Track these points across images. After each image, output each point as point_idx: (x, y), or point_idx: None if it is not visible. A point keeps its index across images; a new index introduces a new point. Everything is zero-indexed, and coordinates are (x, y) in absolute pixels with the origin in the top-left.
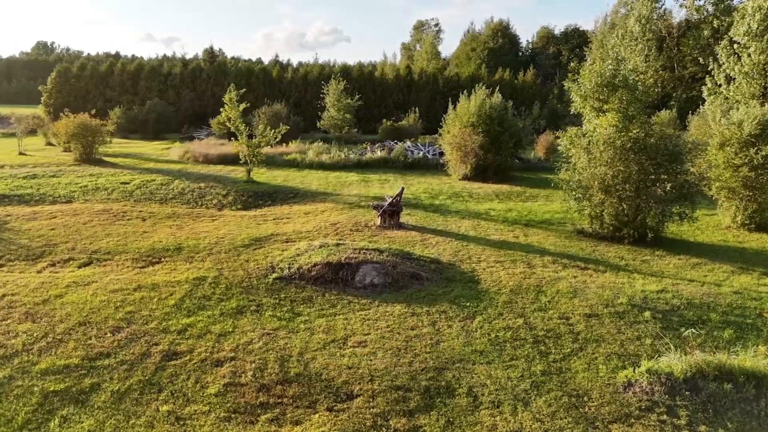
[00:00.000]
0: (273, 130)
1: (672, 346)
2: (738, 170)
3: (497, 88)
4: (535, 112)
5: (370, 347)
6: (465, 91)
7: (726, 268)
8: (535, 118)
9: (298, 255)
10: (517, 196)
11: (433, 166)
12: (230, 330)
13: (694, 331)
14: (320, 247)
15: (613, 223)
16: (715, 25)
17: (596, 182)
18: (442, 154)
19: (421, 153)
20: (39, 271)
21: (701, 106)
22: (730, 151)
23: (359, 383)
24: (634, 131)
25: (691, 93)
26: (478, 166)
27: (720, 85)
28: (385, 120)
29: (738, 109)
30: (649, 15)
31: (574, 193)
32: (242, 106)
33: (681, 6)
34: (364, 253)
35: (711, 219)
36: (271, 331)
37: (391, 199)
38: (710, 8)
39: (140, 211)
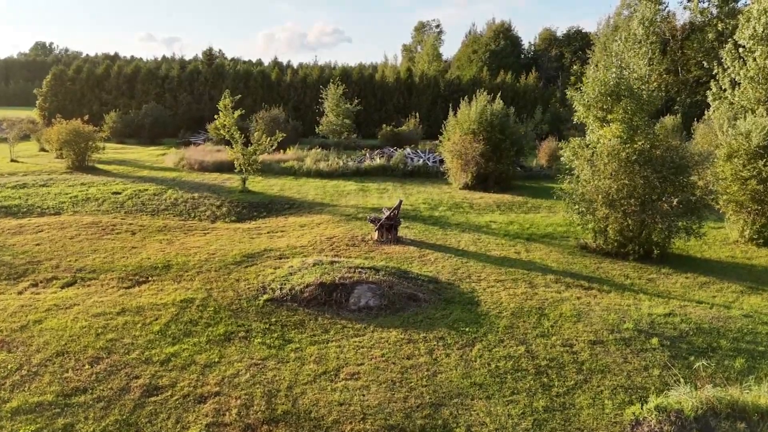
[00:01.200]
0: (269, 138)
1: (681, 379)
2: (746, 183)
3: (499, 91)
4: (537, 117)
5: (364, 380)
6: (466, 97)
7: (735, 288)
8: (537, 123)
9: (291, 274)
10: (519, 207)
11: (434, 174)
12: (216, 360)
13: (705, 363)
14: (314, 265)
15: (618, 238)
16: (719, 28)
17: (600, 196)
18: (442, 161)
19: (421, 160)
20: (20, 292)
21: (706, 112)
22: (738, 163)
23: (350, 422)
24: (639, 143)
25: (695, 97)
26: (479, 175)
27: (725, 90)
28: (384, 125)
29: (744, 116)
30: (653, 17)
31: (577, 206)
32: (237, 113)
33: (685, 8)
34: (360, 272)
35: (718, 233)
36: (259, 362)
37: (388, 212)
38: (714, 11)
39: (130, 224)
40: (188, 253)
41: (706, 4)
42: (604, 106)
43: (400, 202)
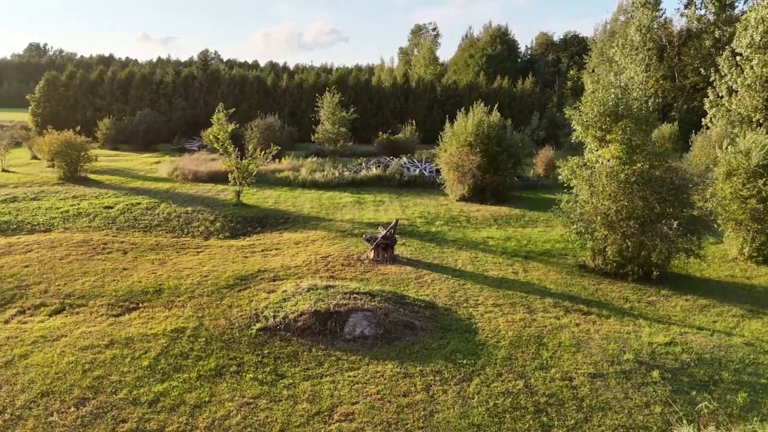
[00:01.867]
0: (263, 152)
1: (683, 419)
2: (746, 202)
3: (495, 97)
4: (534, 123)
5: (358, 421)
6: (463, 108)
7: (735, 312)
8: (534, 128)
9: (285, 300)
10: (516, 220)
11: (430, 185)
12: (206, 400)
13: (707, 403)
14: (308, 290)
15: (617, 259)
16: (716, 35)
17: (599, 217)
18: (438, 171)
19: (418, 170)
20: (6, 321)
21: (703, 119)
22: (737, 181)
23: None
24: (638, 164)
25: (692, 104)
26: (476, 187)
27: (722, 97)
28: (381, 133)
29: (744, 133)
30: (650, 24)
31: (575, 225)
32: (231, 126)
33: (682, 15)
34: (355, 298)
35: (717, 249)
36: (251, 400)
37: (384, 231)
38: (711, 17)
39: (122, 242)
40: (180, 276)
41: (703, 12)
42: (603, 126)
43: (396, 221)
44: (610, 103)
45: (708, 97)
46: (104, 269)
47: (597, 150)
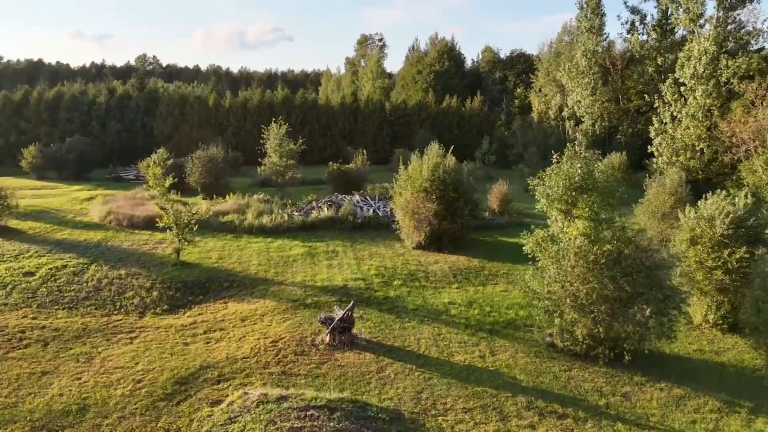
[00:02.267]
0: (207, 207)
1: None
2: (711, 273)
3: (444, 117)
4: (485, 147)
5: None
6: (417, 151)
7: (712, 405)
8: (484, 152)
9: (232, 420)
10: (476, 275)
11: (385, 227)
12: None
13: None
14: (258, 404)
15: (587, 342)
16: (659, 62)
17: (568, 299)
18: (393, 212)
19: (371, 210)
20: None
21: (649, 146)
22: (702, 250)
23: None
24: (607, 246)
25: (636, 127)
26: (433, 234)
27: (666, 124)
28: (331, 163)
29: (705, 197)
30: (595, 49)
31: (542, 304)
32: (168, 180)
33: (624, 41)
34: (311, 419)
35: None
36: None
37: (341, 313)
38: (653, 43)
39: (43, 328)
40: (110, 381)
41: (644, 37)
42: (569, 200)
43: (353, 304)
44: (576, 178)
45: (653, 124)
46: (20, 375)
47: (561, 223)
